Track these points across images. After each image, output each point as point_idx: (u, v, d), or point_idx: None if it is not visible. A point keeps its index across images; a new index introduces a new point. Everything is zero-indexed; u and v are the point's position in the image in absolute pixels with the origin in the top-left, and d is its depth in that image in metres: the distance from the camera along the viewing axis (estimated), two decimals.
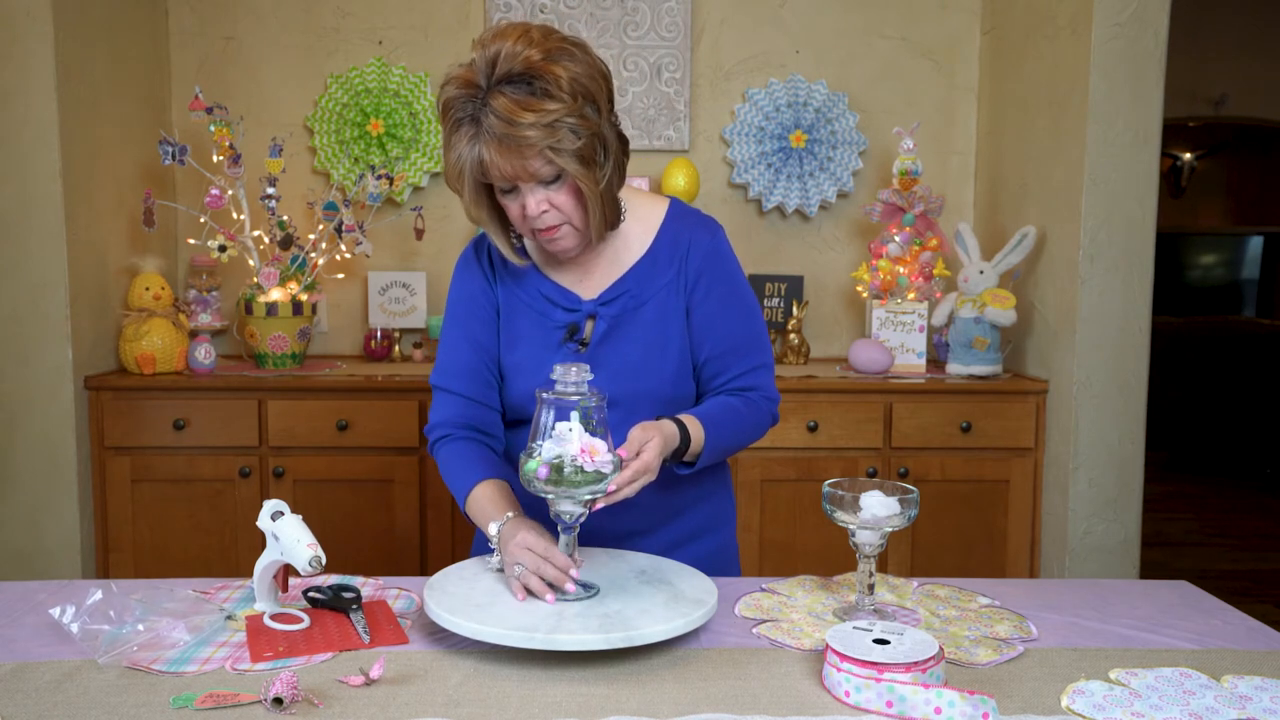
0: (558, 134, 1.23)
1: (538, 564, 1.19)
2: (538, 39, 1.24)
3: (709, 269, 1.42)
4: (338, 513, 2.52)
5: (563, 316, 1.41)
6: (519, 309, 1.43)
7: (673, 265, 1.42)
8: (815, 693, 1.04)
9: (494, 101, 1.22)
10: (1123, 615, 1.28)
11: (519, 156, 1.24)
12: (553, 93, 1.23)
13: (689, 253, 1.42)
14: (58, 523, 2.45)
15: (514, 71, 1.23)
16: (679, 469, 1.35)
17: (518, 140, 1.22)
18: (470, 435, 1.44)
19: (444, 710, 0.99)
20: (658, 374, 1.39)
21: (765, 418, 1.45)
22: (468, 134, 1.25)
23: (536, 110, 1.21)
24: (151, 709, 0.98)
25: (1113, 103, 2.43)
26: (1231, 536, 4.71)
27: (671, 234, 1.43)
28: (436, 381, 1.47)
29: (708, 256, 1.42)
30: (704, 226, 1.45)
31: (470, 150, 1.25)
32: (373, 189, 2.72)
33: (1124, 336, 2.49)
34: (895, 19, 3.04)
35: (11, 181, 2.37)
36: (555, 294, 1.42)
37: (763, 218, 3.08)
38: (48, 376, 2.42)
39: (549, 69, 1.23)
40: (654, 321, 1.40)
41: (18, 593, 1.30)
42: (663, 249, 1.42)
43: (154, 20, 2.86)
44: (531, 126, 1.21)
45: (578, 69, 1.26)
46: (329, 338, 3.02)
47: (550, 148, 1.24)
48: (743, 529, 2.58)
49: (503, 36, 1.24)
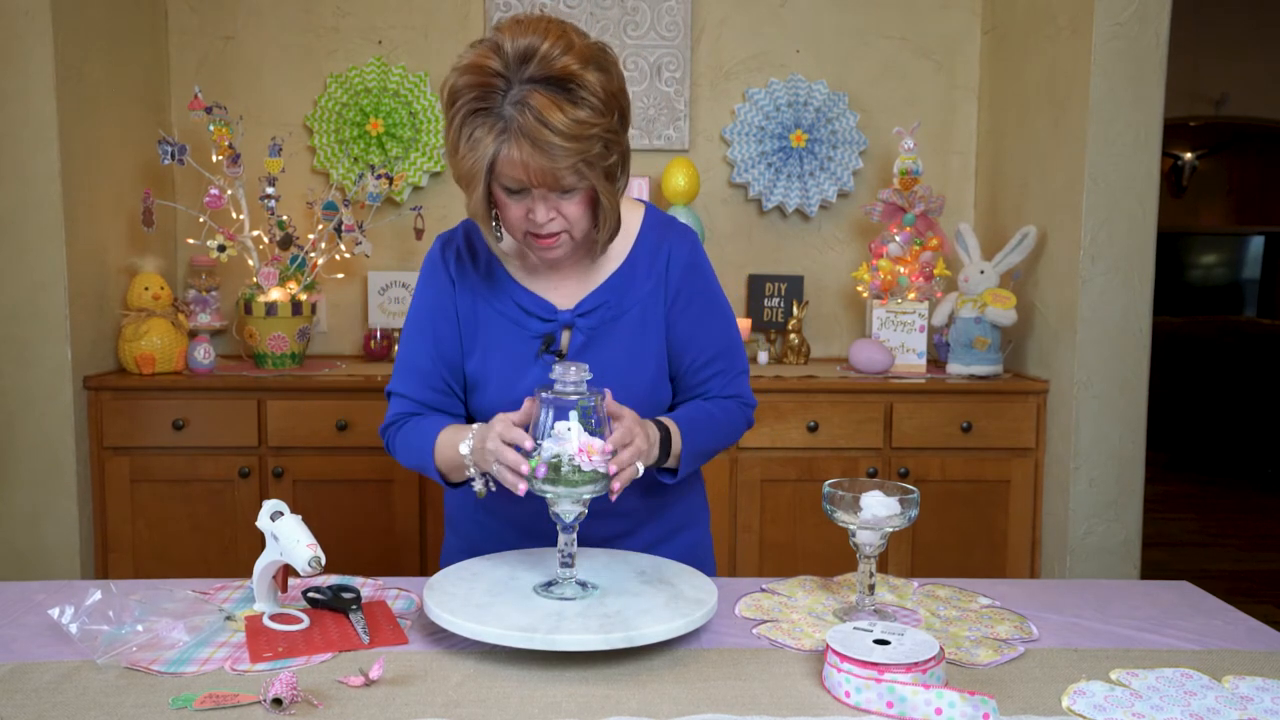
0: (593, 147, 1.20)
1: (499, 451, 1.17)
2: (577, 45, 1.19)
3: (689, 282, 1.41)
4: (337, 513, 2.52)
5: (538, 327, 1.37)
6: (490, 317, 1.39)
7: (651, 276, 1.39)
8: (815, 693, 1.03)
9: (531, 99, 1.16)
10: (1123, 616, 1.28)
11: (549, 160, 1.18)
12: (591, 104, 1.18)
13: (669, 265, 1.40)
14: (57, 523, 2.45)
15: (551, 75, 1.17)
16: (662, 477, 1.36)
17: (551, 145, 1.17)
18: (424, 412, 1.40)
19: (444, 710, 0.99)
20: (635, 383, 1.37)
21: (741, 422, 1.46)
22: (491, 126, 1.19)
23: (577, 120, 1.17)
24: (151, 709, 0.98)
25: (1113, 102, 2.43)
26: (1232, 537, 4.71)
27: (650, 243, 1.41)
28: (395, 388, 1.42)
29: (687, 269, 1.41)
30: (682, 236, 1.42)
31: (495, 144, 1.19)
32: (372, 189, 2.72)
33: (1125, 336, 2.49)
34: (896, 19, 3.04)
35: (11, 181, 2.37)
36: (530, 303, 1.38)
37: (763, 217, 3.07)
38: (47, 376, 2.42)
39: (587, 79, 1.18)
40: (633, 332, 1.38)
41: (17, 593, 1.30)
42: (641, 258, 1.40)
43: (153, 20, 2.86)
44: (571, 137, 1.17)
45: (611, 82, 1.22)
46: (329, 338, 3.02)
47: (583, 160, 1.20)
48: (743, 529, 2.57)
49: (536, 31, 1.18)
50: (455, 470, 1.32)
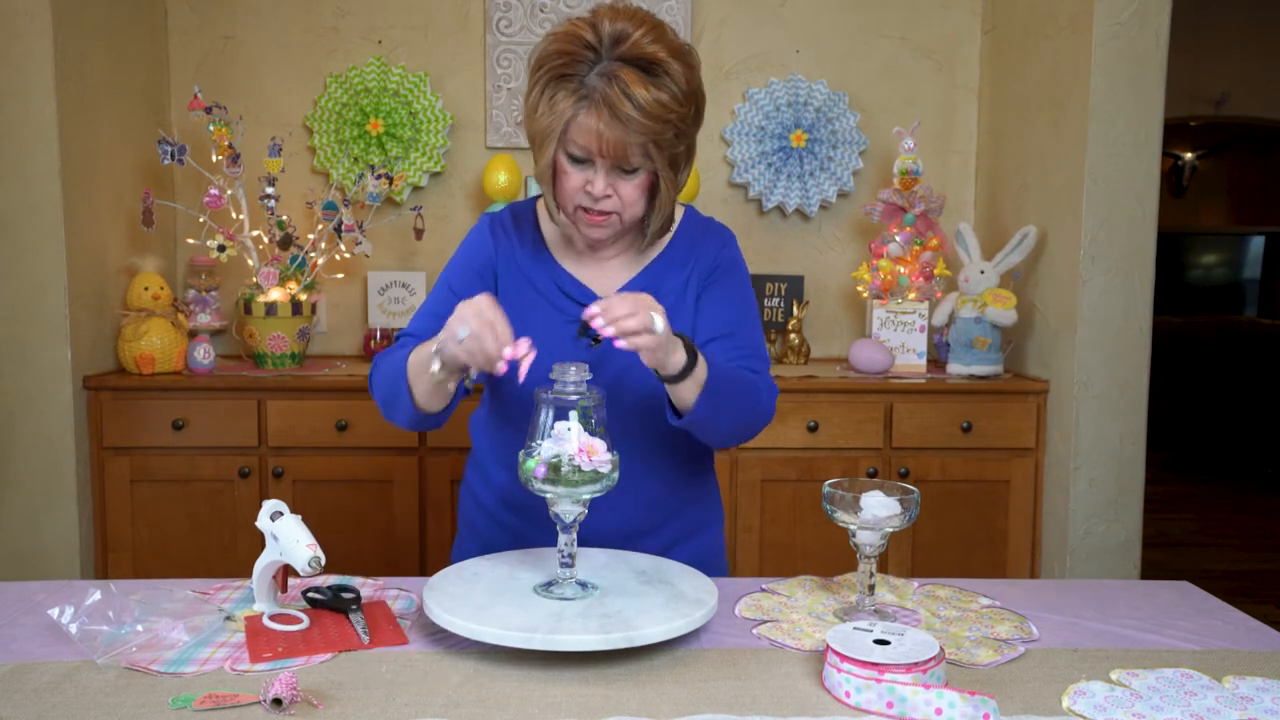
0: (666, 132, 1.25)
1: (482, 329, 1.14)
2: (668, 37, 1.26)
3: (721, 266, 1.45)
4: (337, 513, 2.52)
5: (574, 309, 1.40)
6: (526, 292, 1.42)
7: (686, 268, 1.44)
8: (815, 693, 1.03)
9: (621, 72, 1.22)
10: (1124, 616, 1.28)
11: (623, 132, 1.23)
12: (673, 90, 1.24)
13: (703, 259, 1.44)
14: (56, 523, 2.45)
15: (640, 56, 1.23)
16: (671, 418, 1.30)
17: (629, 119, 1.22)
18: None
19: (444, 710, 0.98)
20: None
21: (766, 400, 1.40)
22: (573, 92, 1.24)
23: (658, 101, 1.22)
24: (150, 710, 0.97)
25: (1113, 102, 2.43)
26: (1233, 537, 4.71)
27: (689, 239, 1.46)
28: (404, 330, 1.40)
29: (722, 263, 1.45)
30: (720, 235, 1.48)
31: (573, 108, 1.24)
32: (372, 189, 2.72)
33: (1125, 336, 2.49)
34: (896, 18, 3.04)
35: (10, 181, 2.37)
36: (571, 287, 1.42)
37: (763, 217, 3.07)
38: (47, 377, 2.42)
39: (673, 67, 1.24)
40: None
41: (16, 593, 1.30)
42: (679, 252, 1.44)
43: (153, 19, 2.85)
44: (649, 115, 1.22)
45: (694, 78, 1.28)
46: (328, 338, 3.02)
47: (654, 141, 1.25)
48: (743, 529, 2.57)
49: (632, 20, 1.25)
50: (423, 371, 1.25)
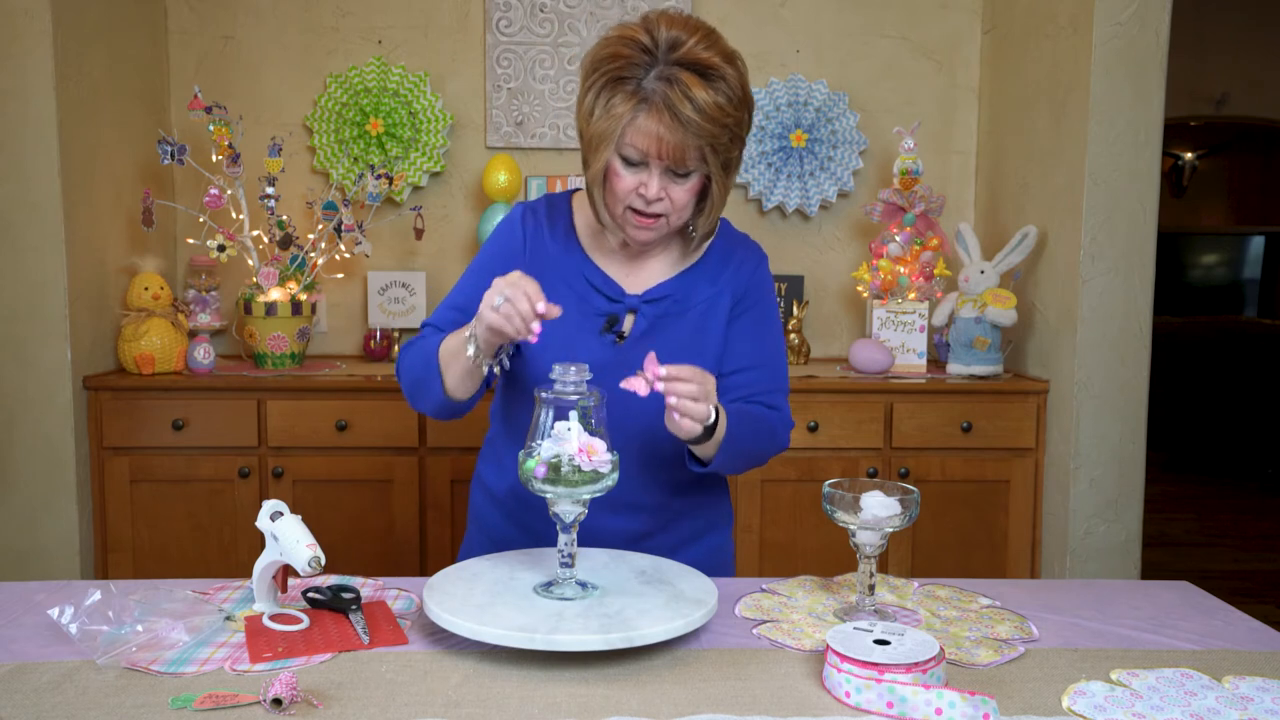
0: (723, 135, 1.27)
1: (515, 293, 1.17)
2: (721, 44, 1.27)
3: (752, 295, 1.46)
4: (337, 513, 2.52)
5: (604, 305, 1.41)
6: (555, 285, 1.40)
7: (720, 279, 1.44)
8: (815, 693, 1.03)
9: (680, 75, 1.23)
10: (1124, 616, 1.28)
11: (683, 134, 1.24)
12: (729, 94, 1.26)
13: (738, 273, 1.46)
14: (56, 523, 2.45)
15: (697, 61, 1.24)
16: (693, 466, 1.35)
17: (690, 121, 1.23)
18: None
19: (444, 710, 0.98)
20: None
21: (781, 436, 1.46)
22: (630, 95, 1.25)
23: (717, 104, 1.24)
24: (150, 710, 0.98)
25: (1114, 102, 2.43)
26: (1233, 537, 4.71)
27: (722, 250, 1.47)
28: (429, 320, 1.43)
29: (754, 281, 1.47)
30: (754, 252, 1.50)
31: (632, 112, 1.25)
32: (372, 189, 2.72)
33: (1125, 336, 2.49)
34: (896, 18, 3.04)
35: (10, 181, 2.37)
36: (600, 281, 1.42)
37: (763, 217, 3.07)
38: (46, 376, 2.42)
39: (728, 72, 1.26)
40: (692, 330, 1.41)
41: (16, 593, 1.30)
42: (712, 262, 1.45)
43: (153, 19, 2.85)
44: (709, 117, 1.23)
45: (746, 84, 1.29)
46: (328, 338, 3.02)
47: (711, 144, 1.26)
48: (743, 529, 2.57)
49: (686, 28, 1.26)
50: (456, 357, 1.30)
